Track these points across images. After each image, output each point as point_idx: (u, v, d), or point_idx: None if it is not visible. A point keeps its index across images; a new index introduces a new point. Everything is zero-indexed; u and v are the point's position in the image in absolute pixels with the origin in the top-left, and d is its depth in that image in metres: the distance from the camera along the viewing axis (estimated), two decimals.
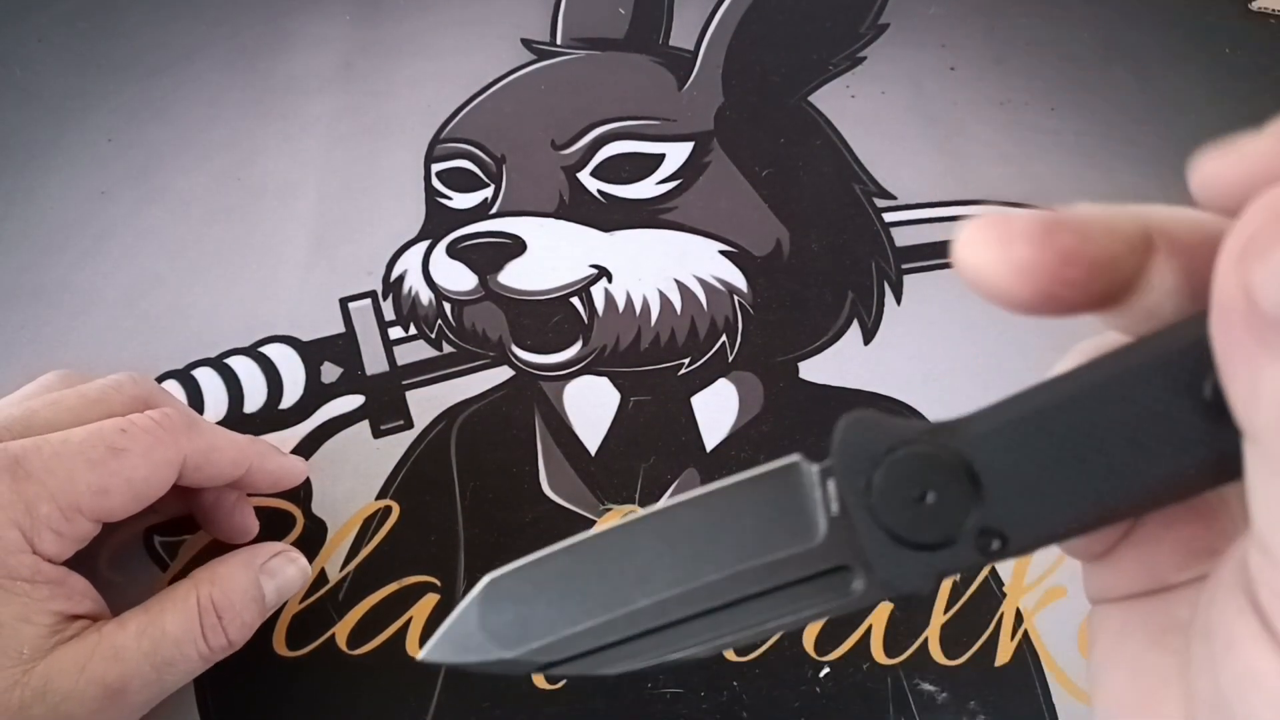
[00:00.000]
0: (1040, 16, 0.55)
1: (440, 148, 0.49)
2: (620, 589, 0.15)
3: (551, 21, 0.54)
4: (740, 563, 0.15)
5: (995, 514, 0.14)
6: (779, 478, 0.15)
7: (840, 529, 0.15)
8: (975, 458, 0.14)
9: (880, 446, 0.14)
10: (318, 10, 0.55)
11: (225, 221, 0.47)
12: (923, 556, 0.14)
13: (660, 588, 0.15)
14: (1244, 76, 0.52)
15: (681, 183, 0.48)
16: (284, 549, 0.35)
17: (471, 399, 0.42)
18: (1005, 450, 0.14)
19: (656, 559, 0.15)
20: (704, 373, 0.42)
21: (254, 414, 0.41)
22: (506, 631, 0.16)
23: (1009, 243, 0.13)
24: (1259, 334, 0.11)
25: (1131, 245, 0.14)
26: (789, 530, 0.15)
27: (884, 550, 0.14)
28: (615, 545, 0.16)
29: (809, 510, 0.15)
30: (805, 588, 0.15)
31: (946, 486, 0.14)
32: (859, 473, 0.14)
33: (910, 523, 0.14)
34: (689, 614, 0.15)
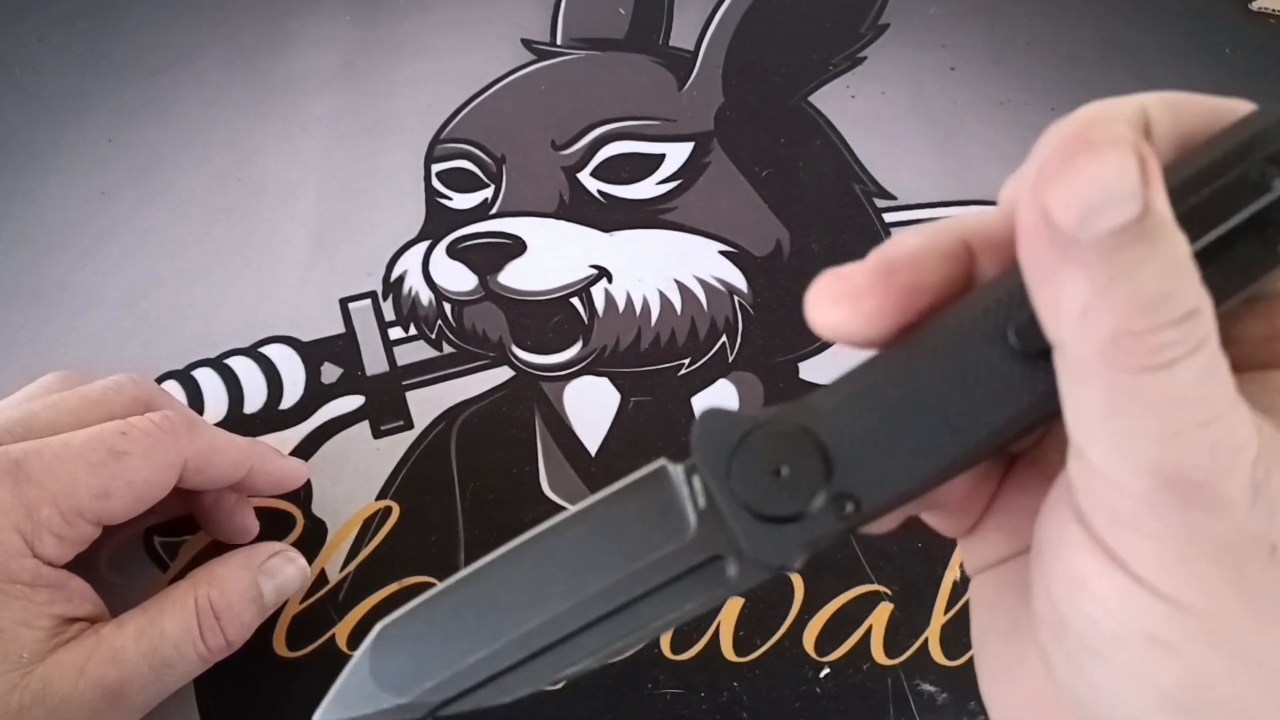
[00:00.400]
0: (1040, 16, 0.55)
1: (440, 148, 0.49)
2: (510, 613, 0.16)
3: (551, 21, 0.54)
4: (622, 568, 0.16)
5: (846, 480, 0.15)
6: (649, 482, 0.16)
7: (710, 520, 0.15)
8: (822, 430, 0.15)
9: (734, 434, 0.15)
10: (318, 10, 0.55)
11: (225, 222, 0.47)
12: (786, 530, 0.15)
13: (549, 604, 0.16)
14: (1244, 76, 0.52)
15: (681, 183, 0.48)
16: (282, 549, 0.35)
17: (472, 399, 0.42)
18: (848, 419, 0.15)
19: (543, 577, 0.16)
20: (704, 373, 0.42)
21: (254, 414, 0.41)
22: (399, 677, 0.16)
23: (856, 298, 0.15)
24: (1058, 250, 0.12)
25: (955, 256, 0.15)
26: (663, 530, 0.16)
27: (750, 530, 0.15)
28: (501, 571, 0.16)
29: (679, 507, 0.16)
30: (685, 582, 0.15)
31: (798, 460, 0.15)
32: (718, 461, 0.15)
33: (770, 499, 0.15)
34: (579, 626, 0.16)
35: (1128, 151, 0.12)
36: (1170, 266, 0.12)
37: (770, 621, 0.36)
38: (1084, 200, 0.12)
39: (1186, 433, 0.12)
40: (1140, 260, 0.12)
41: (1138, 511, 0.13)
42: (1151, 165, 0.12)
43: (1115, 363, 0.12)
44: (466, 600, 0.16)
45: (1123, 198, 0.12)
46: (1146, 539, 0.13)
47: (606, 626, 0.16)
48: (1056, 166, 0.12)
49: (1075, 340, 0.13)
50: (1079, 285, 0.12)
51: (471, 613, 0.16)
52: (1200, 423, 0.12)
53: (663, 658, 0.36)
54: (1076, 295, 0.12)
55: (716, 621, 0.36)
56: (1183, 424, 0.12)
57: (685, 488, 0.16)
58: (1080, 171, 0.12)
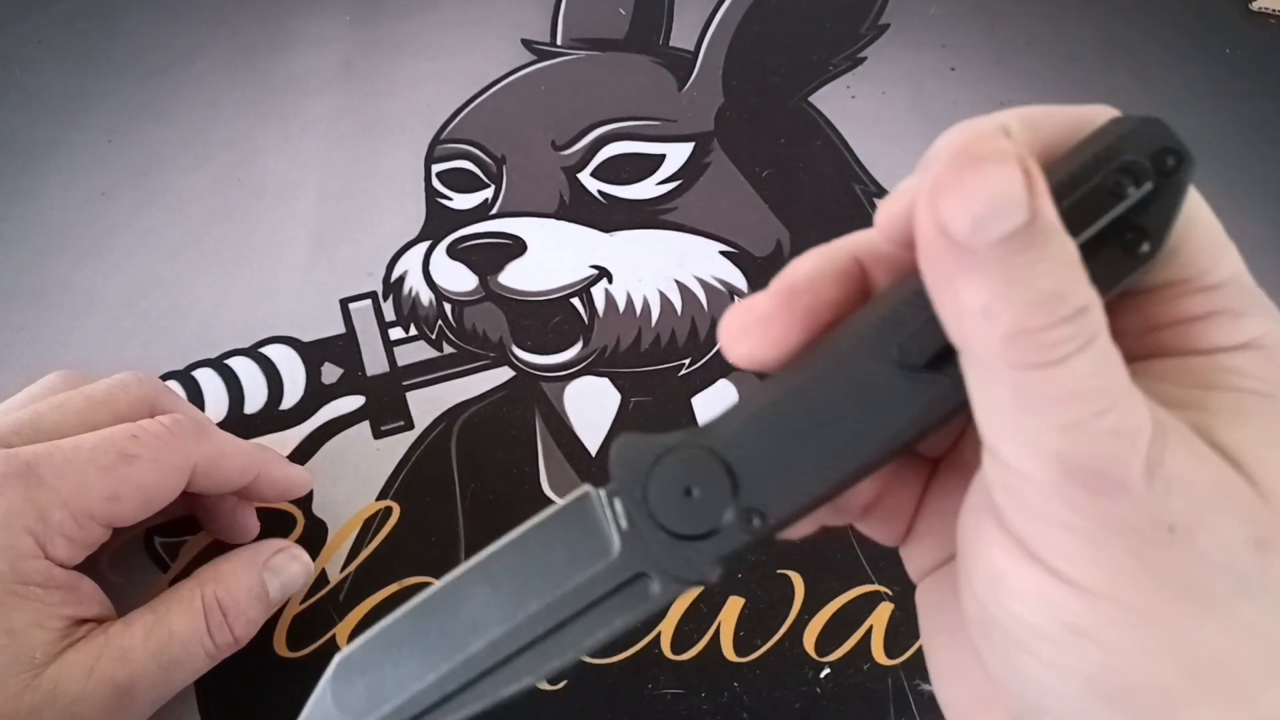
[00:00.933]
0: (1040, 16, 0.55)
1: (440, 148, 0.49)
2: (456, 638, 0.17)
3: (552, 22, 0.54)
4: (553, 591, 0.17)
5: (751, 496, 0.16)
6: (574, 508, 0.17)
7: (632, 541, 0.16)
8: (726, 451, 0.16)
9: (648, 458, 0.16)
10: (318, 10, 0.55)
11: (225, 222, 0.47)
12: (701, 546, 0.16)
13: (490, 629, 0.17)
14: (1244, 76, 0.52)
15: (682, 183, 0.48)
16: (286, 545, 0.35)
17: (472, 400, 0.42)
18: (750, 439, 0.16)
19: (483, 604, 0.17)
20: (705, 373, 0.42)
21: (254, 415, 0.41)
22: (359, 704, 0.17)
23: (764, 325, 0.16)
24: (956, 258, 0.13)
25: (849, 274, 0.17)
26: (589, 552, 0.17)
27: (668, 549, 0.16)
28: (447, 599, 0.17)
29: (603, 531, 0.17)
30: (613, 600, 0.17)
31: (707, 480, 0.16)
32: (634, 485, 0.16)
33: (683, 519, 0.16)
34: (518, 647, 0.17)
35: (1012, 163, 0.12)
36: (1060, 267, 0.13)
37: (770, 622, 0.36)
38: (976, 210, 0.12)
39: (1085, 422, 0.13)
40: (1032, 262, 0.13)
41: (1046, 503, 0.13)
42: (1036, 173, 0.13)
43: (1015, 360, 0.13)
44: (415, 628, 0.17)
45: (1012, 206, 0.12)
46: (1056, 529, 0.13)
47: (544, 646, 0.17)
48: (948, 180, 0.12)
49: (977, 341, 0.13)
50: (977, 289, 0.13)
51: (420, 639, 0.17)
52: (1097, 412, 0.13)
53: (663, 658, 0.36)
54: (975, 299, 0.13)
55: (717, 622, 0.36)
56: (1081, 414, 0.13)
57: (608, 511, 0.17)
58: (970, 184, 0.12)
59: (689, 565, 0.16)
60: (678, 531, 0.16)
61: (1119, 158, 0.14)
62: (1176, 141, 0.14)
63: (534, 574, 0.17)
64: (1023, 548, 0.14)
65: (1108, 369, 0.13)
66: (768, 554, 0.37)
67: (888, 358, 0.15)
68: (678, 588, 0.17)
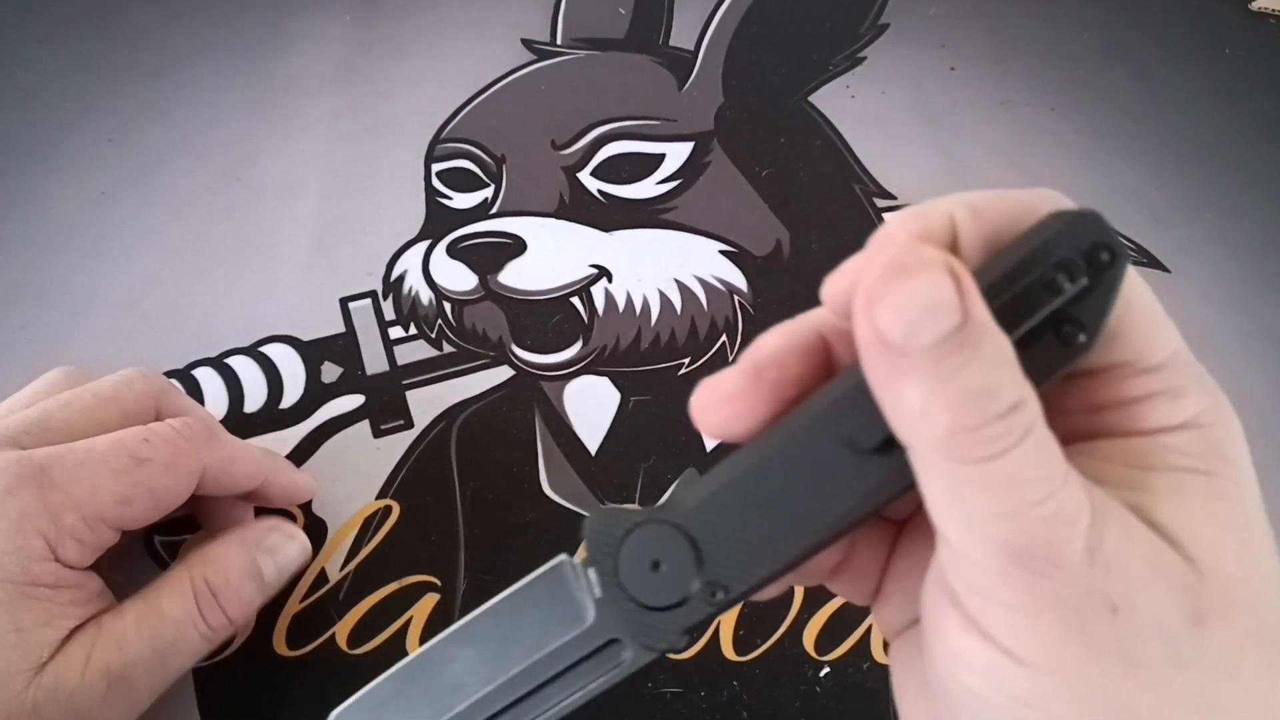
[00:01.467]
0: (1040, 16, 0.55)
1: (440, 148, 0.49)
2: (440, 699, 0.18)
3: (551, 21, 0.54)
4: (530, 655, 0.18)
5: (715, 569, 0.16)
6: (550, 577, 0.18)
7: (604, 609, 0.17)
8: (690, 526, 0.17)
9: (618, 532, 0.17)
10: (318, 10, 0.55)
11: (226, 222, 0.47)
12: (667, 616, 0.17)
13: (472, 690, 0.17)
14: (1244, 76, 0.52)
15: (681, 183, 0.48)
16: (279, 524, 0.35)
17: (472, 399, 0.42)
18: (711, 516, 0.17)
19: (465, 666, 0.18)
20: (704, 373, 0.42)
21: (254, 414, 0.41)
22: None
23: (733, 400, 0.17)
24: (892, 362, 0.14)
25: (812, 349, 0.18)
26: (564, 619, 0.18)
27: (637, 619, 0.17)
28: (431, 661, 0.18)
29: (578, 599, 0.18)
30: (587, 664, 0.18)
31: (672, 555, 0.17)
32: (606, 557, 0.17)
33: (651, 590, 0.17)
34: (499, 709, 0.17)
35: (940, 271, 0.13)
36: (993, 365, 0.13)
37: (770, 621, 0.36)
38: (907, 317, 0.13)
39: (1024, 510, 0.14)
40: (964, 363, 0.13)
41: (992, 583, 0.14)
42: (965, 277, 0.13)
43: (954, 456, 0.14)
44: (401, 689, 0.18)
45: (941, 311, 0.13)
46: (1002, 608, 0.14)
47: (523, 707, 0.18)
48: (880, 289, 0.13)
49: (917, 438, 0.14)
50: (914, 390, 0.13)
51: (406, 700, 0.18)
52: (1036, 500, 0.14)
53: (662, 656, 0.36)
54: (914, 399, 0.14)
55: (717, 621, 0.36)
56: (1020, 503, 0.14)
57: (583, 580, 0.18)
58: (900, 292, 0.13)
59: (657, 634, 0.17)
60: (646, 603, 0.17)
61: (1055, 254, 0.15)
62: (1110, 237, 0.15)
63: (513, 638, 0.18)
64: (974, 625, 0.15)
65: (1044, 459, 0.14)
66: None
67: (839, 440, 0.16)
68: (647, 655, 0.17)
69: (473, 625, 0.18)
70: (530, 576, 0.19)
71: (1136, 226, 0.46)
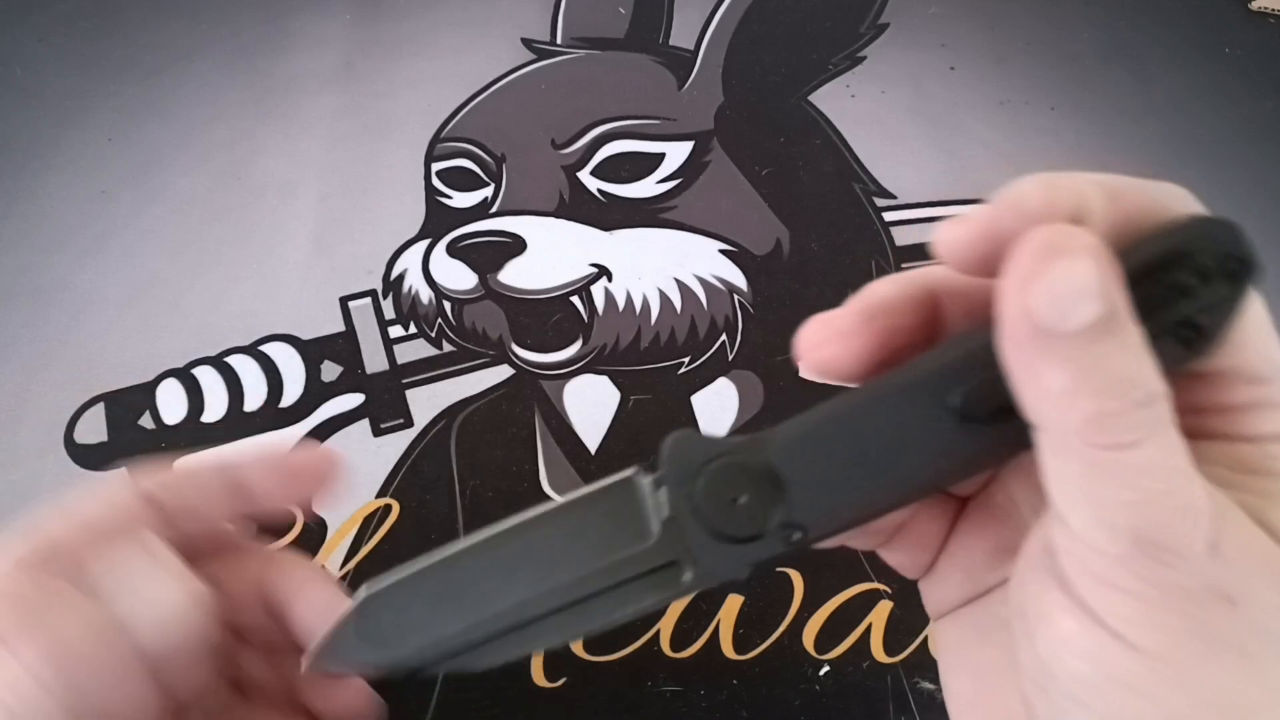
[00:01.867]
0: (1040, 16, 0.55)
1: (440, 147, 0.49)
2: (488, 593, 0.17)
3: (552, 21, 0.54)
4: (588, 564, 0.17)
5: (796, 510, 0.16)
6: (618, 489, 0.18)
7: (670, 530, 0.17)
8: (779, 465, 0.17)
9: (700, 458, 0.17)
10: (318, 10, 0.55)
11: (225, 221, 0.47)
12: (738, 549, 0.17)
13: (522, 590, 0.17)
14: (1244, 76, 0.52)
15: (681, 182, 0.48)
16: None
17: (471, 397, 0.42)
18: (802, 457, 0.17)
19: (519, 566, 0.18)
20: (704, 371, 0.42)
21: (254, 412, 0.41)
22: (383, 638, 0.18)
23: (844, 339, 0.17)
24: (1039, 343, 0.14)
25: (923, 303, 0.18)
26: (628, 533, 0.17)
27: (706, 545, 0.17)
28: (482, 555, 0.18)
29: (644, 516, 0.17)
30: (643, 581, 0.17)
31: (755, 490, 0.17)
32: (684, 481, 0.17)
33: (727, 521, 0.17)
34: (547, 610, 0.17)
35: (1093, 258, 0.13)
36: (1135, 356, 0.14)
37: (770, 620, 0.36)
38: (1061, 300, 0.13)
39: (1154, 500, 0.14)
40: (1110, 351, 0.14)
41: (1114, 571, 0.14)
42: (1111, 268, 0.14)
43: (1092, 440, 0.14)
44: (449, 577, 0.18)
45: (1093, 296, 0.13)
46: (1121, 595, 0.14)
47: (571, 613, 0.17)
48: (1034, 269, 0.13)
49: (1056, 421, 0.14)
50: (1058, 373, 0.14)
51: (453, 589, 0.18)
52: (1165, 491, 0.14)
53: (663, 656, 0.36)
54: (1056, 382, 0.14)
55: (716, 620, 0.36)
56: (1151, 492, 0.14)
57: (651, 498, 0.17)
58: (1055, 275, 0.13)
59: (726, 565, 0.17)
60: (721, 532, 0.17)
61: (1192, 258, 0.15)
62: (1246, 249, 0.15)
63: (571, 545, 0.17)
64: (1086, 610, 0.15)
65: (1175, 452, 0.14)
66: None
67: (947, 404, 0.16)
68: (710, 581, 0.17)
69: (531, 526, 0.18)
70: (596, 485, 0.18)
71: None
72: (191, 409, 0.41)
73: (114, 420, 0.41)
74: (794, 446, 0.17)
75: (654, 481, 0.17)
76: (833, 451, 0.16)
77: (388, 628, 0.18)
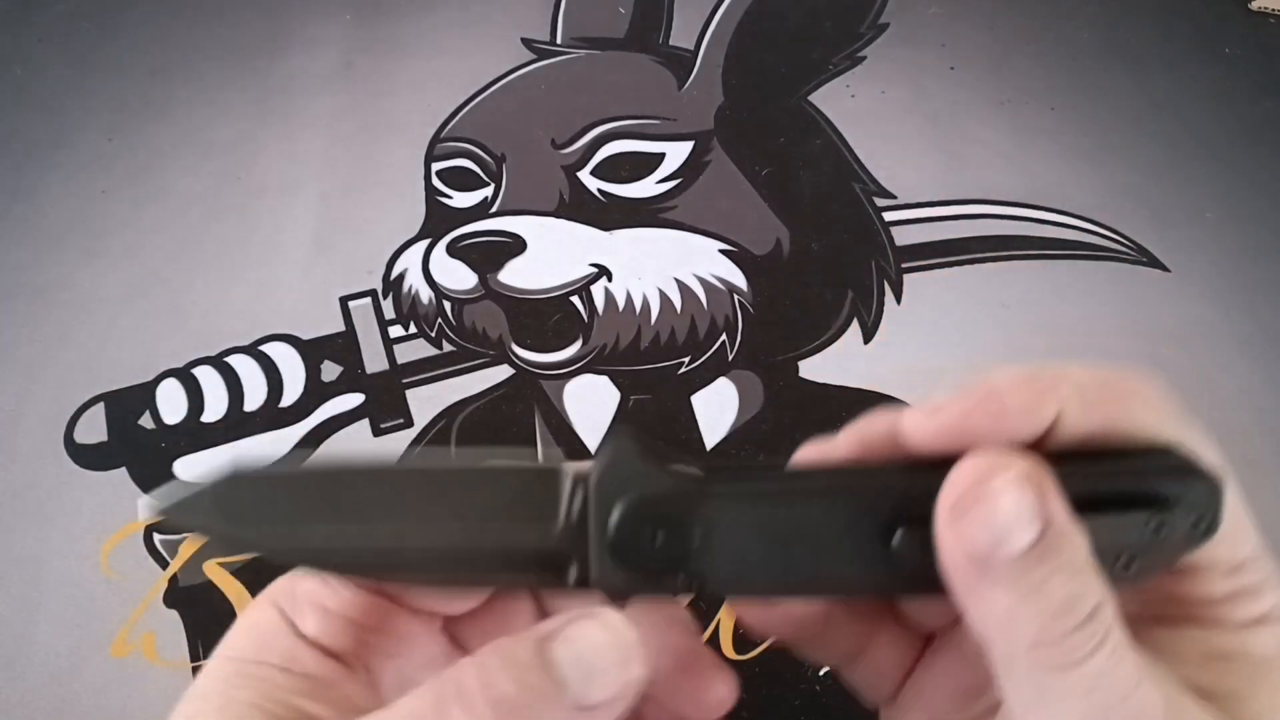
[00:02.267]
0: (1040, 16, 0.55)
1: (440, 146, 0.49)
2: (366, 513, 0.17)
3: (552, 21, 0.54)
4: (480, 525, 0.17)
5: (701, 564, 0.16)
6: (540, 473, 0.17)
7: (574, 528, 0.17)
8: (702, 519, 0.16)
9: (632, 482, 0.17)
10: (318, 10, 0.55)
11: (226, 220, 0.47)
12: (632, 576, 0.17)
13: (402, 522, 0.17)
14: (1244, 76, 0.52)
15: (681, 182, 0.48)
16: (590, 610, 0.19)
17: (471, 397, 0.42)
18: (727, 521, 0.16)
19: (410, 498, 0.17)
20: (704, 371, 0.42)
21: (254, 412, 0.41)
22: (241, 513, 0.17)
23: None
24: (978, 571, 0.14)
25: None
26: (532, 515, 0.17)
27: (602, 559, 0.17)
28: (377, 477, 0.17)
29: (554, 505, 0.17)
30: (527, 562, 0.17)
31: (669, 532, 0.16)
32: (607, 496, 0.17)
33: (633, 550, 0.17)
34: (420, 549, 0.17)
35: (1028, 485, 0.14)
36: (1074, 572, 0.14)
37: None
38: (995, 528, 0.14)
39: (1107, 707, 0.14)
40: (1051, 573, 0.14)
41: None
42: (1047, 487, 0.14)
43: (1038, 663, 0.14)
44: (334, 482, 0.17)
45: (1026, 525, 0.14)
46: None
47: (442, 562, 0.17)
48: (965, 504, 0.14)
49: (1001, 644, 0.15)
50: (1000, 597, 0.14)
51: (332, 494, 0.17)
52: (1115, 702, 0.14)
53: None
54: (998, 606, 0.14)
55: (716, 619, 0.36)
56: (1099, 704, 0.14)
57: (568, 494, 0.17)
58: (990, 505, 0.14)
59: (613, 583, 0.17)
60: (620, 554, 0.17)
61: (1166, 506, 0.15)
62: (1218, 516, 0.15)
63: (473, 501, 0.17)
64: None
65: (1122, 660, 0.14)
66: None
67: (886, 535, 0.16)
68: (589, 589, 0.17)
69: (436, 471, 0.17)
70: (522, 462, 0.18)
71: (1136, 226, 0.46)
72: (191, 409, 0.41)
73: (114, 420, 0.41)
74: (723, 508, 0.17)
75: (576, 479, 0.17)
76: (759, 528, 0.16)
77: (248, 506, 0.17)
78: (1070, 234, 0.46)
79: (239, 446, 0.41)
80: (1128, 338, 0.43)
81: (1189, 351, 0.43)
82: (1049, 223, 0.47)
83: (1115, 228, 0.46)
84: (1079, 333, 0.43)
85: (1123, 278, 0.45)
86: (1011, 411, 0.15)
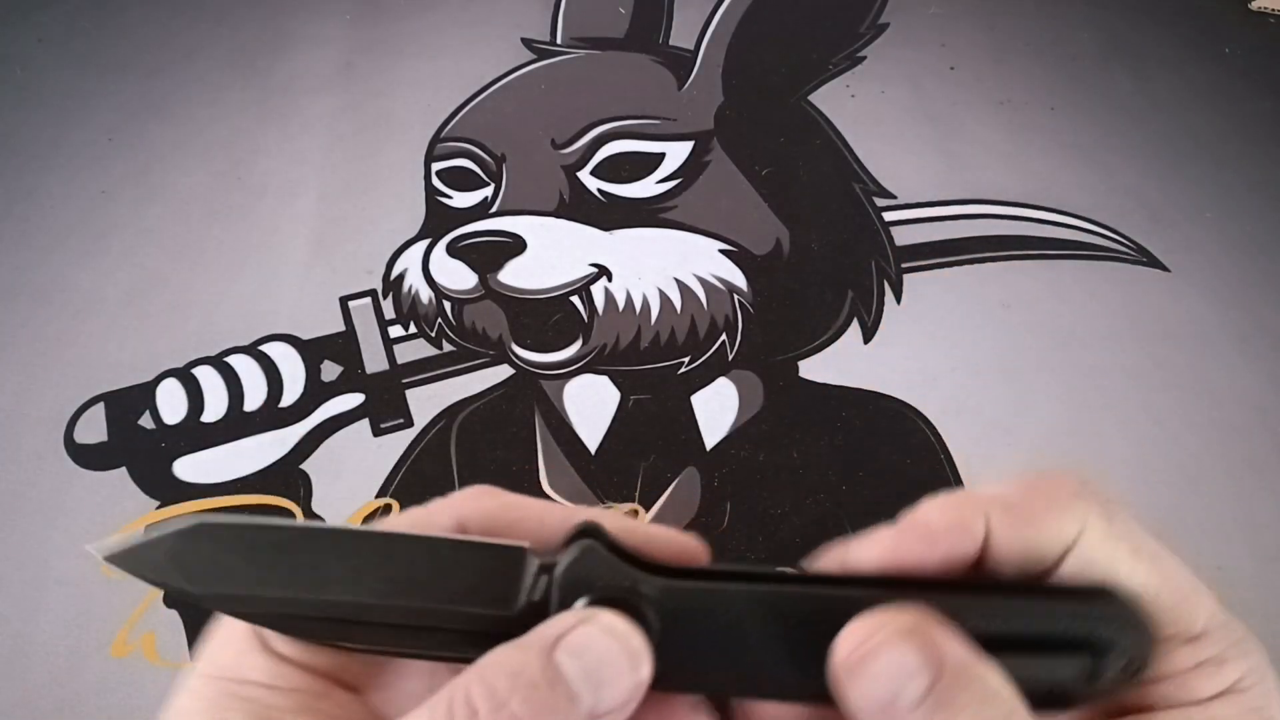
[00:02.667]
0: (1040, 16, 0.55)
1: (440, 147, 0.49)
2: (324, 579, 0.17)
3: (552, 21, 0.54)
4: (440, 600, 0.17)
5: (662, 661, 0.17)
6: (505, 552, 0.18)
7: (533, 612, 0.17)
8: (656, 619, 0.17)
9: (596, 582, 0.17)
10: (318, 10, 0.55)
11: (225, 220, 0.47)
12: None
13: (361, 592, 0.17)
14: (1244, 76, 0.52)
15: (681, 182, 0.48)
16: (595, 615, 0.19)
17: (471, 397, 0.42)
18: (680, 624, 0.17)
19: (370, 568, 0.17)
20: (704, 371, 0.42)
21: (254, 412, 0.41)
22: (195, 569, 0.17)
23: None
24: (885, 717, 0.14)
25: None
26: (493, 594, 0.17)
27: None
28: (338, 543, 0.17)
29: (516, 589, 0.17)
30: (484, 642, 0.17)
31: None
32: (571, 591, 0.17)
33: None
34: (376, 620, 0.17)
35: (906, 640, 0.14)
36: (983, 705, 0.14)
37: None
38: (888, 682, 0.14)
39: None
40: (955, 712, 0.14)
41: None
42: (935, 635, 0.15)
43: None
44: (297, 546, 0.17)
45: (912, 675, 0.14)
46: None
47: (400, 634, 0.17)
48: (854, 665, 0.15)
49: None
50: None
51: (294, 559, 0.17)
52: None
53: None
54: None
55: None
56: None
57: (531, 578, 0.17)
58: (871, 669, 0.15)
59: None
60: None
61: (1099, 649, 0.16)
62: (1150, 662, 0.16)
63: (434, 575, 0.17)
64: None
65: None
66: (767, 553, 0.37)
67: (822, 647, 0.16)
68: None
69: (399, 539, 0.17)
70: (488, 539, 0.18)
71: (1136, 226, 0.46)
72: (191, 409, 0.41)
73: (114, 420, 0.41)
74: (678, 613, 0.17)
75: (542, 566, 0.17)
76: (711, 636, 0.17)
77: (204, 561, 0.17)
78: (1070, 234, 0.46)
79: (239, 446, 0.41)
80: (1128, 337, 0.43)
81: (1189, 351, 0.43)
82: (1049, 223, 0.47)
83: (1115, 227, 0.46)
84: (1079, 332, 0.43)
85: (1123, 277, 0.45)
86: (940, 533, 0.16)
